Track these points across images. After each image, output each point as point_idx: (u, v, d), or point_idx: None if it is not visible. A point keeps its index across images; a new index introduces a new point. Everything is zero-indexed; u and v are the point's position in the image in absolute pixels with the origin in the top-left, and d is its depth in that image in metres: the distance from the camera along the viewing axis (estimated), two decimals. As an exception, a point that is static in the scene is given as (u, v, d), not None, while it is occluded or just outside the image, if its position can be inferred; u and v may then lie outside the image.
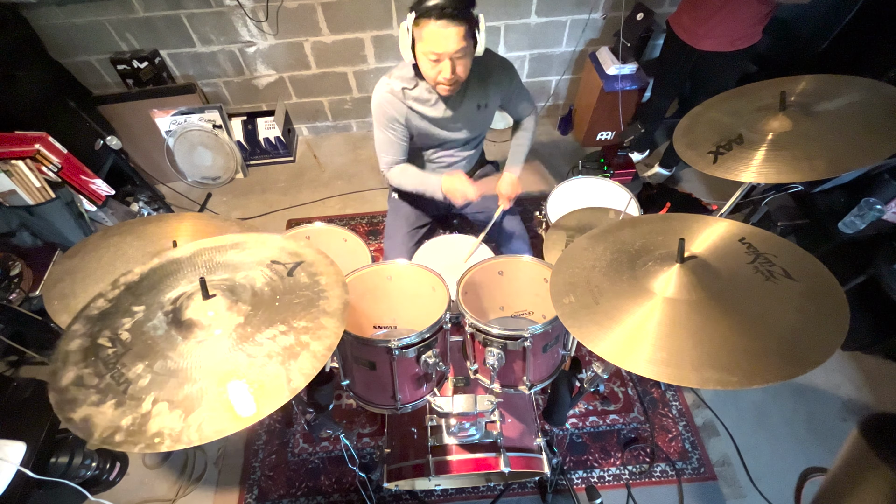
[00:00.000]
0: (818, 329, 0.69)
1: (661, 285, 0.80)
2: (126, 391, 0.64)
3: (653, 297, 0.79)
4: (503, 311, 1.38)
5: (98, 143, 1.91)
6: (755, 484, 1.59)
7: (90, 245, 1.12)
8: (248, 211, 2.64)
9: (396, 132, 1.46)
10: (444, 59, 1.23)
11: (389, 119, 1.43)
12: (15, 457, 1.26)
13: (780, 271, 0.78)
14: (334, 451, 1.71)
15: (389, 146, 1.50)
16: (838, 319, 0.69)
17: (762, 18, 1.79)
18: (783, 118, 1.07)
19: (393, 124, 1.44)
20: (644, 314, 0.77)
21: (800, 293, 0.75)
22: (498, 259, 1.28)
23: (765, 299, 0.75)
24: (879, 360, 1.87)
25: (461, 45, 1.20)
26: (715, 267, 0.82)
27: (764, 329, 0.71)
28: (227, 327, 0.74)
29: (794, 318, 0.71)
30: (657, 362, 0.69)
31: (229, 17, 2.40)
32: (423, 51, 1.24)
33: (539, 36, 2.63)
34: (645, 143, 2.70)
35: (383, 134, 1.47)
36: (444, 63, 1.23)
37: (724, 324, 0.72)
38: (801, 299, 0.74)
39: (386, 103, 1.40)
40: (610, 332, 0.76)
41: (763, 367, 0.65)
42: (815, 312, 0.71)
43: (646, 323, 0.76)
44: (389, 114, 1.42)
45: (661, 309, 0.77)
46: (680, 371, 0.67)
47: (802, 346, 0.67)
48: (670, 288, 0.79)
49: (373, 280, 1.26)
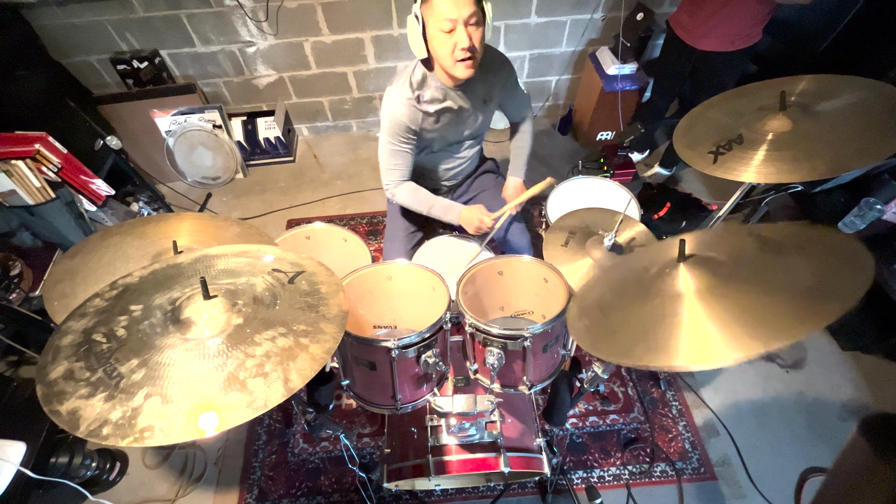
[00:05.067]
0: (842, 272, 0.68)
1: (669, 285, 0.80)
2: (118, 385, 0.64)
3: (662, 298, 0.79)
4: (503, 311, 1.38)
5: (98, 143, 1.91)
6: (755, 484, 1.59)
7: (90, 245, 1.12)
8: (248, 211, 2.64)
9: (409, 143, 1.43)
10: (458, 25, 1.19)
11: (405, 130, 1.39)
12: (15, 457, 1.26)
13: (790, 248, 0.77)
14: (334, 451, 1.71)
15: (399, 160, 1.46)
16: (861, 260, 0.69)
17: (762, 18, 1.79)
18: (783, 118, 1.06)
19: (407, 135, 1.41)
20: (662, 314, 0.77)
21: (814, 256, 0.73)
22: (498, 259, 1.28)
23: (777, 269, 0.74)
24: (879, 360, 1.87)
25: (473, 9, 1.18)
26: (718, 258, 0.81)
27: (781, 290, 0.69)
28: (226, 328, 0.74)
29: (811, 275, 0.70)
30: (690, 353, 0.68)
31: (229, 17, 2.40)
32: (435, 25, 1.20)
33: (539, 36, 2.63)
34: (645, 143, 2.70)
35: (394, 146, 1.43)
36: (460, 32, 1.19)
37: (744, 297, 0.71)
38: (815, 261, 0.73)
39: (400, 114, 1.37)
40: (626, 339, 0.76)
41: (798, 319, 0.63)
42: (832, 265, 0.70)
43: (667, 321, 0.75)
44: (405, 124, 1.38)
45: (676, 305, 0.76)
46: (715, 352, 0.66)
47: (831, 290, 0.66)
48: (678, 284, 0.79)
49: (373, 280, 1.26)
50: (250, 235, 1.20)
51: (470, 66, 1.28)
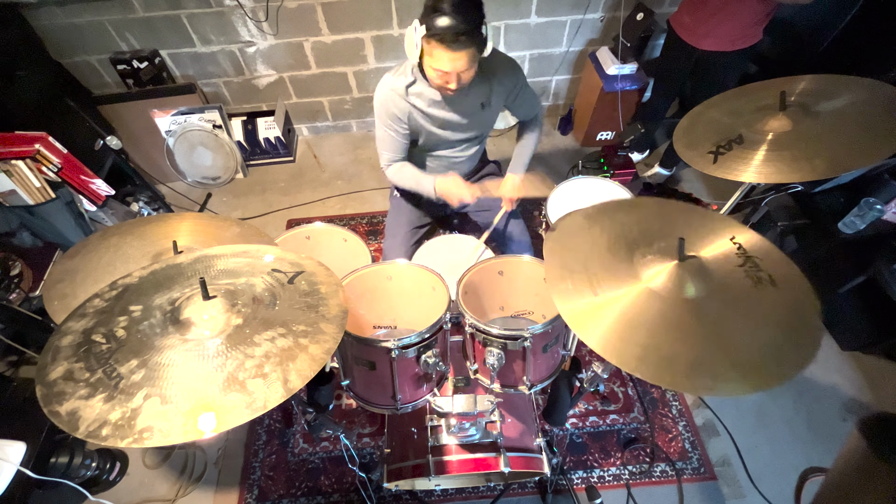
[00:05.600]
0: (793, 345, 0.72)
1: (657, 280, 0.81)
2: (118, 385, 0.64)
3: (646, 291, 0.79)
4: (503, 311, 1.38)
5: (98, 143, 1.91)
6: (755, 484, 1.59)
7: (90, 245, 1.12)
8: (248, 211, 2.64)
9: (397, 130, 1.46)
10: (451, 75, 1.24)
11: (391, 117, 1.43)
12: (15, 457, 1.26)
13: (766, 277, 0.79)
14: (334, 451, 1.71)
15: (390, 143, 1.50)
16: (811, 337, 0.72)
17: (763, 18, 1.79)
18: (783, 118, 1.07)
19: (394, 122, 1.44)
20: (638, 308, 0.77)
21: (782, 304, 0.77)
22: (498, 259, 1.28)
23: (750, 307, 0.77)
24: (879, 360, 1.87)
25: (468, 67, 1.23)
26: (710, 269, 0.82)
27: (746, 339, 0.73)
28: (225, 328, 0.74)
29: (773, 331, 0.74)
30: (648, 363, 0.69)
31: (229, 17, 2.39)
32: (430, 64, 1.25)
33: (539, 36, 2.63)
34: (645, 143, 2.70)
35: (384, 131, 1.48)
36: (451, 76, 1.24)
37: (713, 329, 0.74)
38: (782, 311, 0.76)
39: (388, 101, 1.41)
40: (603, 323, 0.76)
41: (741, 376, 0.68)
42: (792, 327, 0.74)
43: (639, 317, 0.76)
44: (391, 111, 1.42)
45: (655, 304, 0.77)
46: (672, 376, 0.68)
47: (777, 360, 0.70)
48: (666, 284, 0.79)
49: (373, 280, 1.26)
50: (250, 235, 1.20)
51: (450, 94, 1.33)
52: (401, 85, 1.38)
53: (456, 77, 1.25)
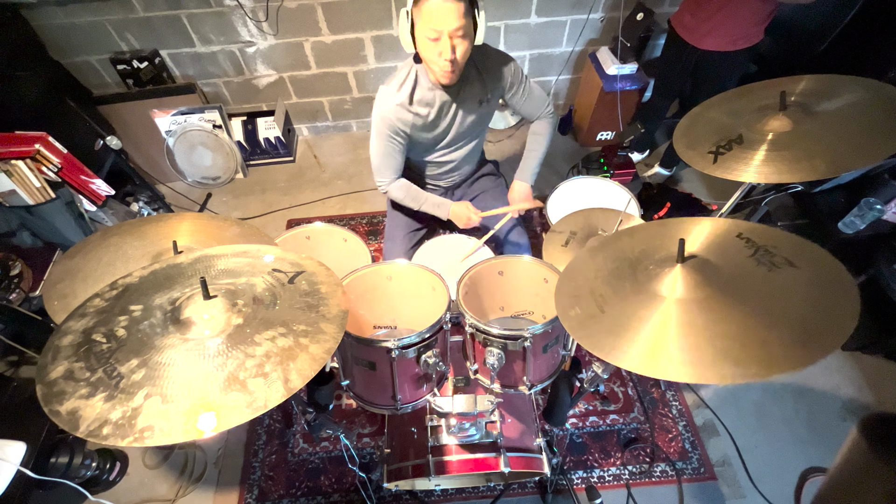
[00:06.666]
0: (828, 314, 0.68)
1: (666, 287, 0.80)
2: (118, 385, 0.64)
3: (658, 300, 0.79)
4: (503, 311, 1.38)
5: (98, 143, 1.91)
6: (755, 484, 1.59)
7: (90, 245, 1.12)
8: (248, 211, 2.64)
9: (398, 144, 1.45)
10: (442, 36, 1.19)
11: (393, 130, 1.41)
12: (15, 457, 1.26)
13: (782, 261, 0.78)
14: (334, 451, 1.71)
15: (389, 159, 1.48)
16: (848, 302, 0.68)
17: (764, 18, 1.79)
18: (783, 118, 1.06)
19: (396, 135, 1.42)
20: (653, 318, 0.76)
21: (805, 280, 0.74)
22: (498, 259, 1.28)
23: (771, 290, 0.75)
24: (879, 360, 1.87)
25: (460, 23, 1.18)
26: (716, 263, 0.82)
27: (774, 319, 0.70)
28: (226, 328, 0.74)
29: (803, 304, 0.70)
30: (676, 363, 0.68)
31: (229, 17, 2.40)
32: (422, 30, 1.21)
33: (539, 36, 2.63)
34: (645, 143, 2.70)
35: (384, 146, 1.45)
36: (444, 42, 1.20)
37: (734, 318, 0.72)
38: (807, 287, 0.73)
39: (390, 114, 1.38)
40: (624, 341, 0.75)
41: (779, 356, 0.64)
42: (823, 298, 0.71)
43: (659, 327, 0.74)
44: (394, 125, 1.40)
45: (669, 311, 0.76)
46: (697, 370, 0.66)
47: (815, 332, 0.66)
48: (676, 289, 0.79)
49: (372, 280, 1.26)
50: (250, 235, 1.20)
51: (449, 76, 1.29)
52: (403, 96, 1.37)
53: (449, 43, 1.20)
